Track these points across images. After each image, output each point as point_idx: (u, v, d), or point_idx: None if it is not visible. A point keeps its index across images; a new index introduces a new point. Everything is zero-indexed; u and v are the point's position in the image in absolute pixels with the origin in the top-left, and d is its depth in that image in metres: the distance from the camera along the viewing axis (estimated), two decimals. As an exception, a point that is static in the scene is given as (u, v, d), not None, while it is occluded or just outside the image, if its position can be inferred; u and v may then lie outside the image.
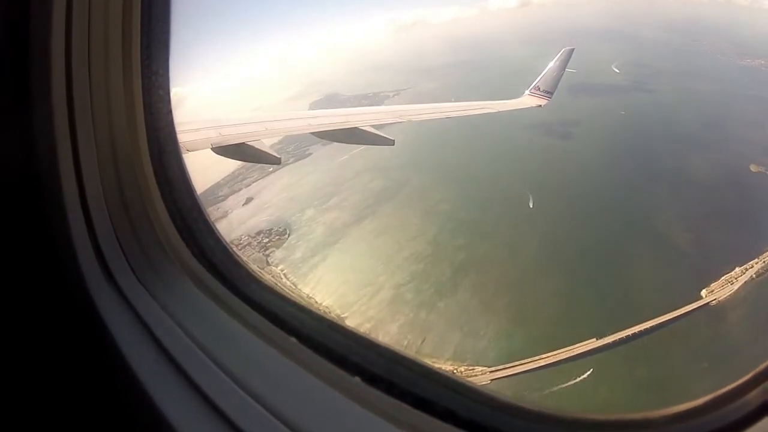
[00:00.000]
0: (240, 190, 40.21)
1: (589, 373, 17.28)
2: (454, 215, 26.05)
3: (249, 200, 39.15)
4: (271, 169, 43.88)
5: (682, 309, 19.51)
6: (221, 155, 9.24)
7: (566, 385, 17.01)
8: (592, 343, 18.26)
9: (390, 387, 1.07)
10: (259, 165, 45.76)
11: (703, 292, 20.19)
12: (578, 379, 17.14)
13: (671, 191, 23.75)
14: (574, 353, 17.94)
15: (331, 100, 49.55)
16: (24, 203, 1.30)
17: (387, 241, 25.51)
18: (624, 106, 33.07)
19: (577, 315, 19.25)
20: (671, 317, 19.21)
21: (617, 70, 38.54)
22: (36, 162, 1.27)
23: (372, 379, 1.09)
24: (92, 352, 1.32)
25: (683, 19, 46.19)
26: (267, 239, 31.38)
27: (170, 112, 1.46)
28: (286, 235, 31.16)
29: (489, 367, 17.65)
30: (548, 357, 17.84)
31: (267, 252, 29.79)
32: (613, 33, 45.71)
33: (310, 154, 43.44)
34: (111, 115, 1.36)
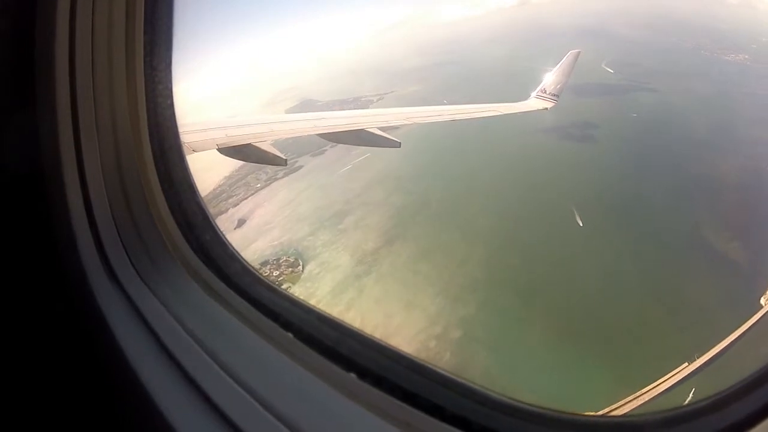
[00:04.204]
0: (227, 210, 35.80)
1: (692, 395, 17.00)
2: (498, 233, 24.68)
3: (241, 222, 35.01)
4: (259, 185, 40.13)
5: (751, 320, 19.87)
6: (227, 156, 9.34)
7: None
8: (686, 368, 17.99)
9: (386, 384, 1.08)
10: (245, 181, 41.71)
11: (762, 300, 20.71)
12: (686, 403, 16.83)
13: (707, 198, 24.23)
14: (674, 381, 17.57)
15: (307, 107, 46.02)
16: (27, 198, 1.33)
17: (433, 267, 23.56)
18: (632, 108, 33.63)
19: (661, 339, 18.86)
20: (745, 329, 19.48)
21: (610, 70, 39.20)
22: (39, 158, 1.30)
23: (368, 376, 1.11)
24: (91, 347, 1.34)
25: (653, 15, 48.28)
26: (277, 272, 27.80)
27: (173, 109, 1.49)
28: (300, 266, 27.78)
29: (596, 412, 16.66)
30: (649, 390, 17.27)
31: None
32: (587, 31, 46.61)
33: (301, 166, 39.99)
34: (114, 111, 1.39)
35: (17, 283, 1.37)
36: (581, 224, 23.39)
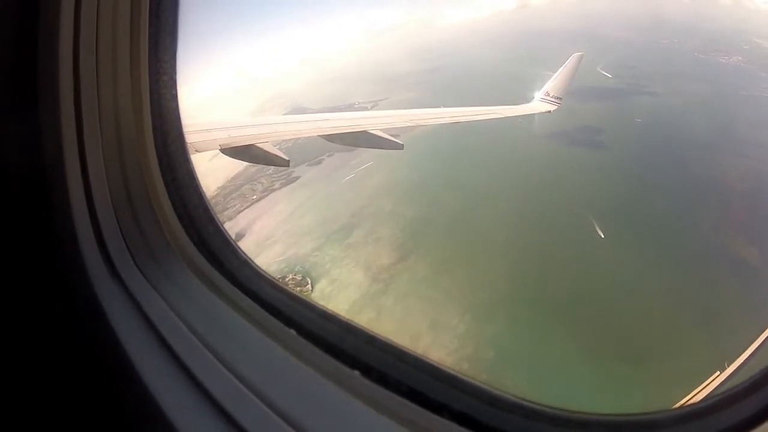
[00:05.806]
0: (223, 223, 34.62)
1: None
2: (517, 245, 24.74)
3: (240, 236, 34.01)
4: (255, 196, 39.32)
5: (774, 324, 20.58)
6: (229, 156, 9.54)
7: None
8: (719, 377, 18.51)
9: (391, 381, 1.09)
10: (239, 192, 40.82)
11: (782, 304, 21.46)
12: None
13: (721, 204, 24.87)
14: (710, 389, 18.05)
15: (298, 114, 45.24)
16: (29, 195, 1.34)
17: (454, 283, 23.38)
18: (634, 112, 34.35)
19: (694, 348, 19.31)
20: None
21: (608, 74, 39.94)
22: (41, 155, 1.30)
23: (372, 374, 1.11)
24: (92, 343, 1.34)
25: (644, 17, 49.57)
26: (284, 292, 27.13)
27: (176, 105, 1.49)
28: (308, 285, 27.10)
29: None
30: (688, 400, 17.64)
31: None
32: (583, 33, 47.48)
33: (298, 176, 39.24)
34: (117, 107, 1.40)
35: (19, 279, 1.38)
36: (602, 236, 23.63)
